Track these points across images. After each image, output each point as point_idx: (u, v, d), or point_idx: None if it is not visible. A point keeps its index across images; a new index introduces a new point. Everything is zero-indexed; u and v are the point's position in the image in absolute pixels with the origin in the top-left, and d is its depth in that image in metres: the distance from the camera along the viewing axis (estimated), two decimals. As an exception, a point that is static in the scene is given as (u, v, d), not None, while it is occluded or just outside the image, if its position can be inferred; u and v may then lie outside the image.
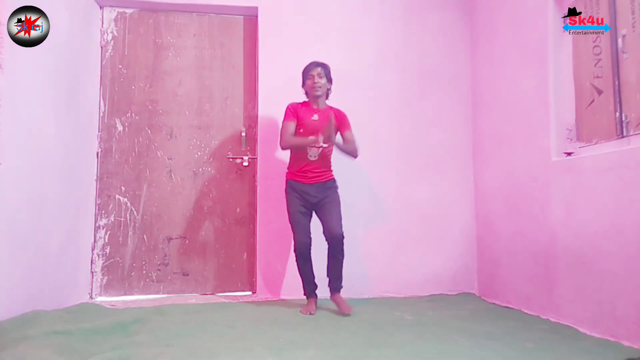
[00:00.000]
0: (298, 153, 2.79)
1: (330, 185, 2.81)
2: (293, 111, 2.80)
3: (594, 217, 2.27)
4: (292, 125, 2.77)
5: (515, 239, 2.93)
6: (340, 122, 2.83)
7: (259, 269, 3.21)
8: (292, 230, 2.78)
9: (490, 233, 3.24)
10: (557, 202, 2.55)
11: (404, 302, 3.05)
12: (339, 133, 2.83)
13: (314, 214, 2.82)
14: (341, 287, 2.80)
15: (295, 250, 2.74)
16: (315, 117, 2.78)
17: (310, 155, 2.75)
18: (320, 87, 2.79)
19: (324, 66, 2.83)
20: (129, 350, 1.85)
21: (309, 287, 2.81)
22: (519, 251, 2.88)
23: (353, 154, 2.83)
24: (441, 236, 3.41)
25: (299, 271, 2.79)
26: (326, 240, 2.73)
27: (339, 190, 2.85)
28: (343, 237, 2.71)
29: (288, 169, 2.86)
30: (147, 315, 2.50)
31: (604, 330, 2.17)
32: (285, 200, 2.82)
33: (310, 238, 2.74)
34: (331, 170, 2.85)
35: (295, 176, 2.79)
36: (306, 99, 2.89)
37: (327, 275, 2.80)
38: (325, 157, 2.81)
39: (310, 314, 2.68)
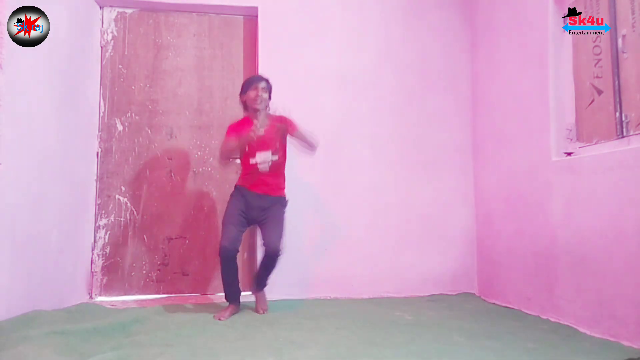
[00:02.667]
0: (248, 165, 2.70)
1: (277, 201, 2.74)
2: (233, 129, 2.73)
3: (594, 217, 2.27)
4: (231, 140, 2.69)
5: (515, 239, 2.93)
6: (286, 128, 2.69)
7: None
8: (221, 233, 2.67)
9: (490, 233, 3.24)
10: (557, 202, 2.55)
11: (404, 302, 3.05)
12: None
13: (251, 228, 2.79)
14: (263, 287, 2.83)
15: (219, 254, 2.61)
16: (262, 131, 2.61)
17: (261, 168, 2.66)
18: (262, 101, 2.70)
19: (268, 82, 2.77)
20: (129, 350, 1.85)
21: (230, 290, 2.69)
22: (519, 251, 2.88)
23: (311, 143, 2.74)
24: (441, 236, 3.41)
25: (222, 275, 2.66)
26: (265, 252, 2.67)
27: (286, 208, 2.80)
28: (279, 254, 2.63)
29: (239, 177, 2.81)
30: (147, 315, 2.50)
31: (604, 330, 2.17)
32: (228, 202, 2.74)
33: (237, 246, 2.62)
34: (283, 187, 2.79)
35: (245, 183, 2.73)
36: (245, 115, 2.81)
37: (254, 278, 2.82)
38: (276, 170, 2.72)
39: (220, 319, 2.52)
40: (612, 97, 2.35)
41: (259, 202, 2.71)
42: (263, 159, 2.66)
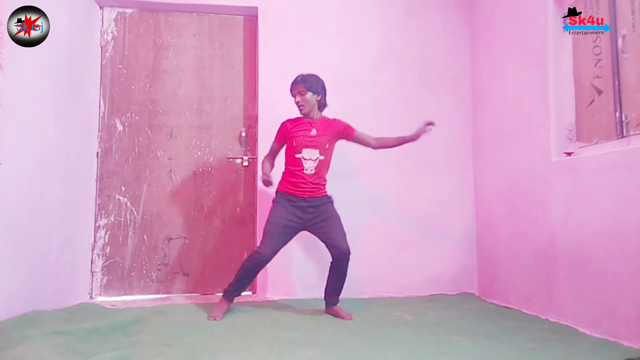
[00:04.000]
0: (292, 162, 2.63)
1: (326, 200, 2.67)
2: (282, 130, 2.70)
3: (594, 217, 2.27)
4: (276, 146, 2.74)
5: (515, 239, 2.93)
6: (342, 132, 2.71)
7: (259, 269, 3.21)
8: (262, 239, 2.58)
9: (490, 233, 3.24)
10: (557, 202, 2.55)
11: (404, 302, 3.05)
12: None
13: (300, 234, 2.68)
14: (338, 301, 2.72)
15: (251, 257, 2.55)
16: (314, 132, 2.62)
17: (306, 169, 2.60)
18: (303, 105, 2.63)
19: (306, 80, 2.64)
20: (129, 350, 1.85)
21: (237, 289, 2.60)
22: (519, 251, 2.88)
23: (369, 142, 2.76)
24: (441, 236, 3.41)
25: (240, 272, 2.57)
26: (333, 257, 2.63)
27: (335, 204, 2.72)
28: (350, 253, 2.61)
29: (281, 181, 2.70)
30: (147, 315, 2.49)
31: (604, 330, 2.17)
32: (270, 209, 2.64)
33: (274, 256, 2.56)
34: (325, 188, 2.70)
35: (288, 187, 2.63)
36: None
37: (326, 289, 2.71)
38: (320, 172, 2.63)
39: (215, 319, 2.49)
40: (612, 97, 2.35)
41: (308, 203, 2.61)
42: (310, 156, 2.61)
